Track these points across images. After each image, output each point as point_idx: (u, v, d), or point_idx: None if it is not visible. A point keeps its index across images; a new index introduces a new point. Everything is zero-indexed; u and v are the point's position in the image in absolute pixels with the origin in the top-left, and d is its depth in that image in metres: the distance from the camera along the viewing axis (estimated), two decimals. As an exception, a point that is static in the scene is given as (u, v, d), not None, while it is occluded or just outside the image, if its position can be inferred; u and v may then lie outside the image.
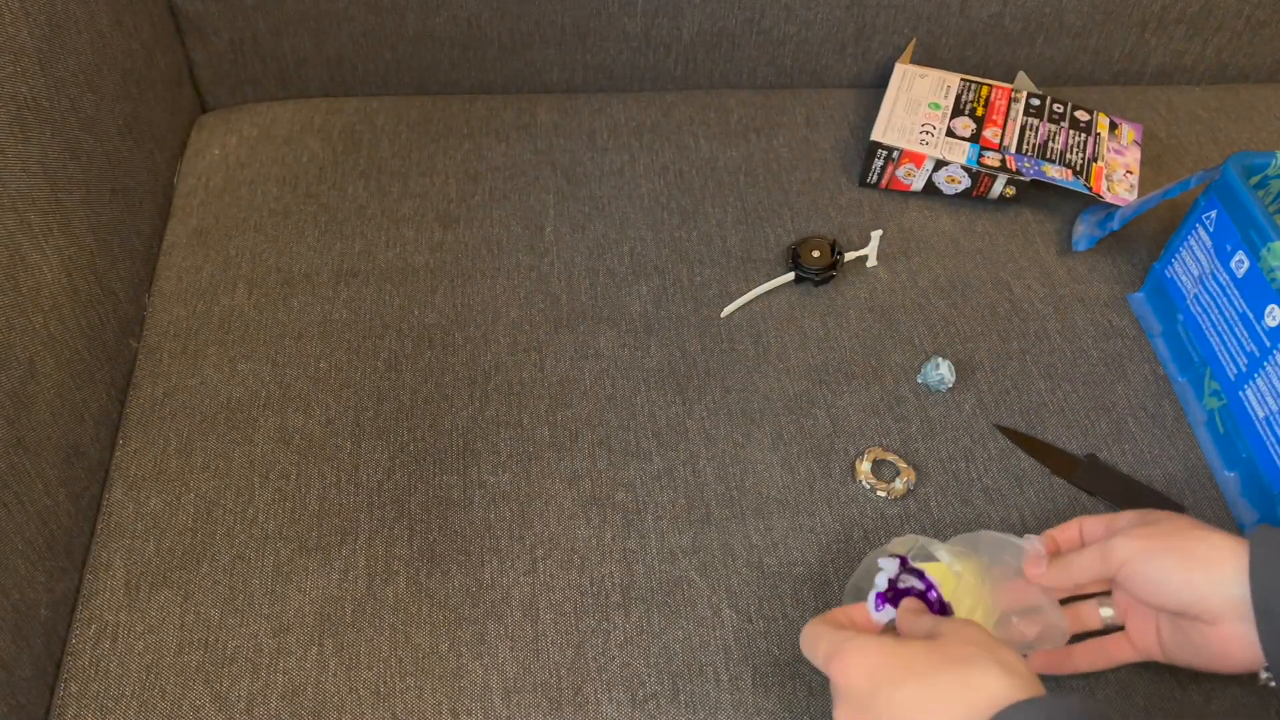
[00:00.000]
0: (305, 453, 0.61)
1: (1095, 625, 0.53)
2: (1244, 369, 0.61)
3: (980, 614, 0.54)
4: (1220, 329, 0.64)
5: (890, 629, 0.49)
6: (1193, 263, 0.67)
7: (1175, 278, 0.68)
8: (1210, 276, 0.65)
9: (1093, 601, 0.53)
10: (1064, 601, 0.52)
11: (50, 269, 0.58)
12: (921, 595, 0.49)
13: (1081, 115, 0.79)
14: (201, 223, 0.73)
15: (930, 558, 0.54)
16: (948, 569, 0.51)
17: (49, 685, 0.54)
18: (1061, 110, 0.80)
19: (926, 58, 0.84)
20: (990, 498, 0.61)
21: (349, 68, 0.82)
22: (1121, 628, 0.52)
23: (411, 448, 0.61)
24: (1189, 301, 0.67)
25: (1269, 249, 0.59)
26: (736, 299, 0.69)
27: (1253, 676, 0.49)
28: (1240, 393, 0.61)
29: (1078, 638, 0.53)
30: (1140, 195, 0.76)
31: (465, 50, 0.81)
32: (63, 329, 0.58)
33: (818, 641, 0.45)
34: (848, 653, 0.43)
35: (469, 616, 0.55)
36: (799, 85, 0.86)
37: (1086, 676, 0.54)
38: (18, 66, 0.56)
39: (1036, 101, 0.80)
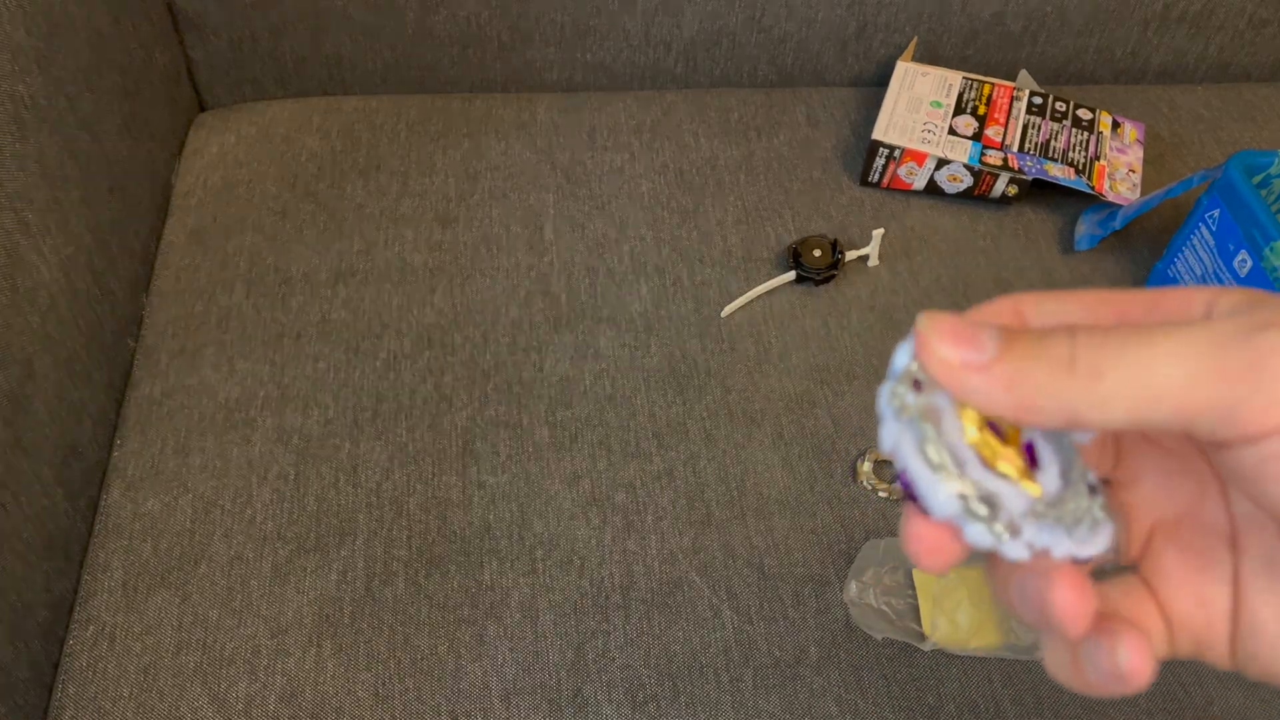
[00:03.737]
0: (304, 453, 0.61)
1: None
2: (1247, 369, 0.61)
3: (964, 616, 0.54)
4: (1223, 329, 0.63)
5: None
6: (1195, 262, 0.66)
7: (1178, 277, 0.68)
8: (1213, 276, 0.64)
9: None
10: None
11: (48, 268, 0.57)
12: None
13: (1084, 114, 0.79)
14: (200, 222, 0.73)
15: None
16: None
17: (46, 687, 0.54)
18: (1064, 109, 0.79)
19: (928, 56, 0.84)
20: (992, 498, 0.60)
21: (348, 66, 0.81)
22: (1127, 570, 0.25)
23: (410, 448, 0.61)
24: (1192, 301, 0.66)
25: (1272, 248, 0.59)
26: (737, 298, 0.69)
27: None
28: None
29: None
30: (1143, 194, 0.76)
31: (464, 49, 0.81)
32: (60, 329, 0.58)
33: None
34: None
35: (468, 618, 0.55)
36: (800, 84, 0.85)
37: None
38: (16, 65, 0.56)
39: (1039, 100, 0.80)
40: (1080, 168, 0.75)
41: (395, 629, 0.54)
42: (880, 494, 0.60)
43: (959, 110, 0.78)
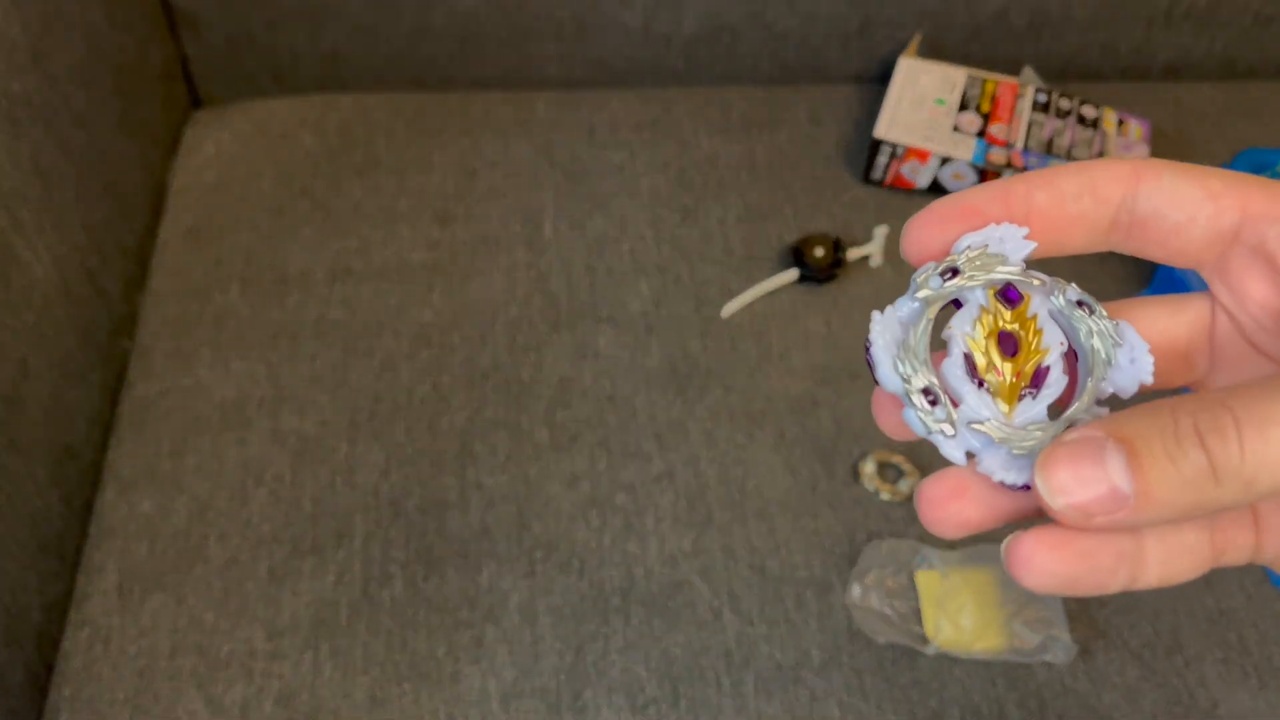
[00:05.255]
0: (300, 454, 0.60)
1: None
2: (1254, 369, 0.61)
3: (967, 619, 0.53)
4: (1229, 328, 0.63)
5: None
6: (1201, 261, 0.66)
7: (1184, 275, 0.67)
8: (1219, 275, 0.64)
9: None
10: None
11: (42, 267, 0.57)
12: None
13: (1088, 111, 0.79)
14: (195, 220, 0.72)
15: (928, 563, 0.54)
16: (938, 575, 0.51)
17: (41, 690, 0.53)
18: (1068, 106, 0.79)
19: (931, 52, 0.83)
20: (995, 500, 0.60)
21: (345, 63, 0.81)
22: None
23: (408, 449, 0.61)
24: (1197, 300, 0.66)
25: None
26: (738, 298, 0.68)
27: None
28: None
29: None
30: (1147, 192, 0.75)
31: (462, 45, 0.80)
32: (55, 328, 0.57)
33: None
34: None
35: (466, 620, 0.54)
36: (802, 80, 0.85)
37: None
38: (10, 62, 0.55)
39: (1043, 97, 0.79)
40: (1084, 165, 0.75)
41: (392, 632, 0.54)
42: (883, 496, 0.59)
43: (963, 107, 0.77)
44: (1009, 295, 0.23)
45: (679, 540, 0.58)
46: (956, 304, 0.23)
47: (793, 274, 0.69)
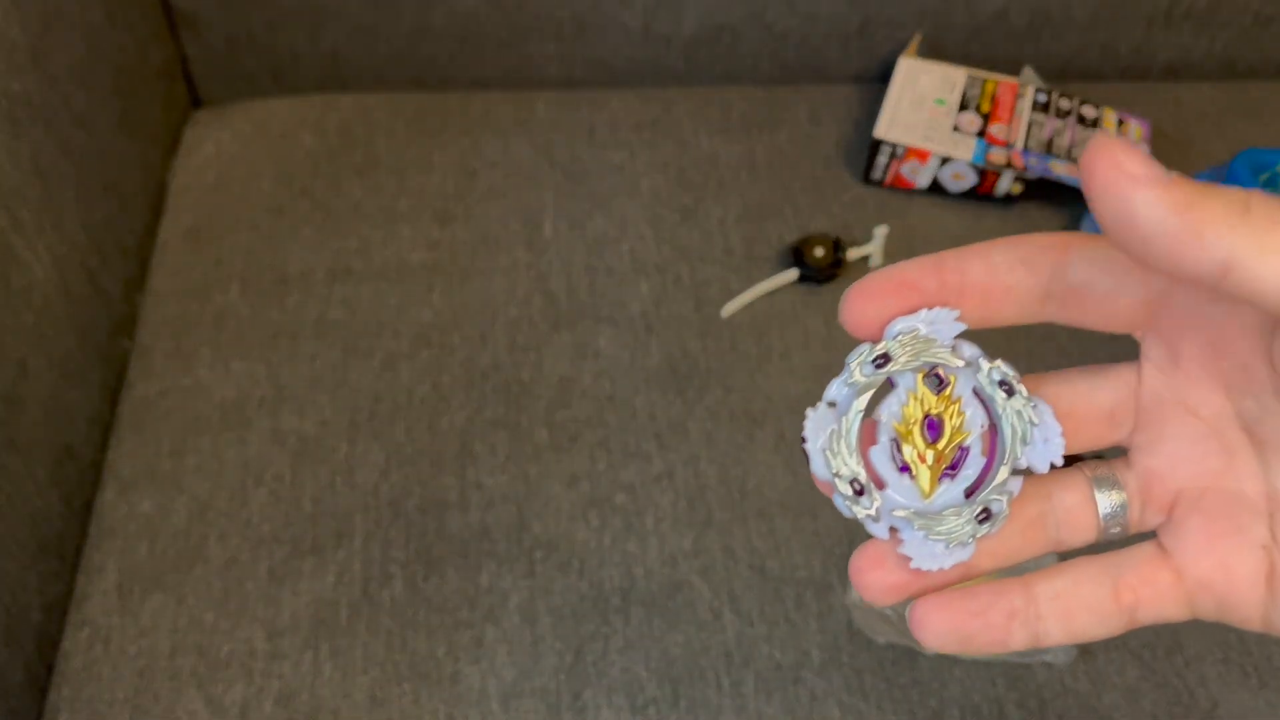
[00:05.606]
0: (300, 454, 0.60)
1: (1079, 540, 0.26)
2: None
3: None
4: (1229, 328, 0.63)
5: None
6: (1201, 261, 0.66)
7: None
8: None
9: (1077, 471, 0.26)
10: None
11: (42, 267, 0.57)
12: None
13: (1088, 111, 0.79)
14: (195, 220, 0.72)
15: None
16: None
17: (41, 690, 0.53)
18: (1068, 106, 0.79)
19: (931, 52, 0.83)
20: (995, 500, 0.60)
21: (345, 63, 0.81)
22: (1148, 535, 0.26)
23: (408, 449, 0.61)
24: (1197, 300, 0.66)
25: None
26: (738, 298, 0.68)
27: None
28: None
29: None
30: (1147, 192, 0.75)
31: (462, 44, 0.80)
32: (54, 328, 0.58)
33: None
34: None
35: (466, 620, 0.54)
36: (802, 80, 0.85)
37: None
38: (9, 62, 0.55)
39: (1043, 97, 0.79)
40: (1084, 165, 0.75)
41: (392, 632, 0.54)
42: (882, 495, 0.59)
43: (963, 107, 0.77)
44: (937, 377, 0.24)
45: (679, 540, 0.58)
46: (891, 381, 0.25)
47: (793, 274, 0.69)
